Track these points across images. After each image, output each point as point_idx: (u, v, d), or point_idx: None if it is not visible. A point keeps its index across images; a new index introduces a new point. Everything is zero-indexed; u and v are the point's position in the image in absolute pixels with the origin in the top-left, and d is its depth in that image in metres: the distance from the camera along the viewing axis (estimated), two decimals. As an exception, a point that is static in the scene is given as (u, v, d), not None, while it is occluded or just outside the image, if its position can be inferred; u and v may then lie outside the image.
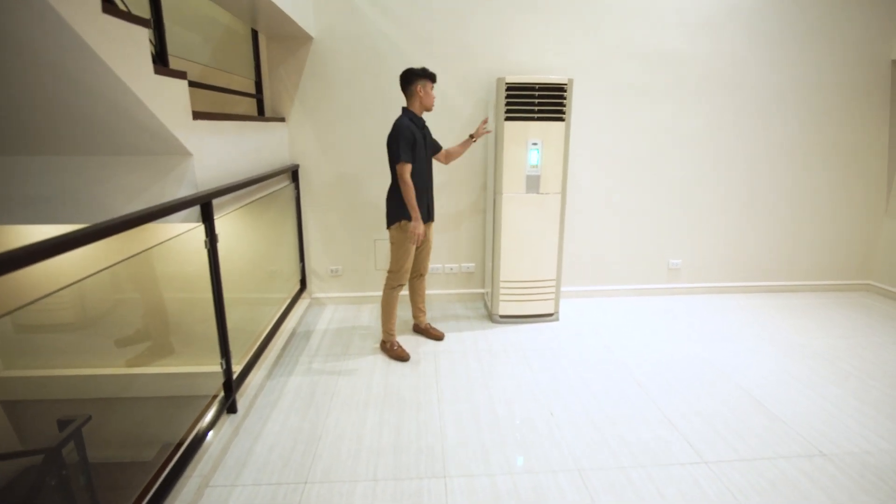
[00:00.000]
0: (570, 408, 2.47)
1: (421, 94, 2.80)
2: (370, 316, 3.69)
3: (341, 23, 3.42)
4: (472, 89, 3.57)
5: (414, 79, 2.78)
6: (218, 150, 2.40)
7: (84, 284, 1.66)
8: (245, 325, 3.58)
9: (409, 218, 2.86)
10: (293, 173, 3.63)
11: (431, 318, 3.63)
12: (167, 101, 1.91)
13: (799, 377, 2.77)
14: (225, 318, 2.29)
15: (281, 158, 3.50)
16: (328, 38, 3.44)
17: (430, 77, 2.80)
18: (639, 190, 3.87)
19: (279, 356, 3.08)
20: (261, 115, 3.52)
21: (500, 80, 3.16)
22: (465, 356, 3.03)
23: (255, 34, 3.42)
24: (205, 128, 2.22)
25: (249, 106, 3.52)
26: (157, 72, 1.83)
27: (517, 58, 3.54)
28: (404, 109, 2.85)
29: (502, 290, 3.48)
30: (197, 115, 2.14)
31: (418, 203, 2.84)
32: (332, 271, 3.88)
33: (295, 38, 3.42)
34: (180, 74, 2.03)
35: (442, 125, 3.59)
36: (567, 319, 3.60)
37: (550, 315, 3.56)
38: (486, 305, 3.84)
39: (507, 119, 3.20)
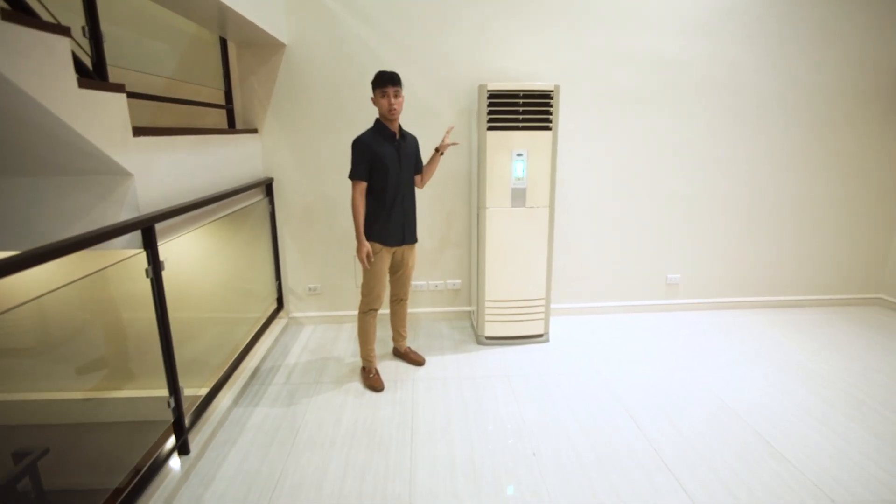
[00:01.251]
0: (557, 446, 2.25)
1: (374, 104, 2.60)
2: (349, 337, 3.48)
3: (315, 29, 3.23)
4: (455, 98, 3.38)
5: (372, 88, 2.58)
6: (170, 168, 2.20)
7: (30, 310, 1.54)
8: (213, 348, 3.38)
9: (377, 240, 2.66)
10: (267, 187, 3.44)
11: (414, 338, 3.43)
12: (98, 118, 1.72)
13: (808, 408, 2.54)
14: (173, 351, 2.08)
15: (253, 172, 3.30)
16: (302, 45, 3.26)
17: (377, 82, 2.56)
18: (634, 201, 3.65)
19: (249, 381, 2.88)
20: (231, 126, 3.33)
21: (481, 87, 2.96)
22: (445, 384, 2.82)
23: (224, 42, 3.24)
24: (150, 145, 2.02)
25: (220, 117, 3.33)
26: (82, 86, 1.63)
27: (502, 64, 3.34)
28: (376, 119, 2.66)
29: (488, 311, 3.27)
30: (139, 132, 1.95)
31: (390, 224, 2.66)
32: (310, 289, 3.68)
33: (266, 46, 3.23)
34: (116, 87, 1.84)
35: (424, 136, 3.37)
36: (558, 340, 3.38)
37: (540, 336, 3.34)
38: (472, 325, 3.62)
39: (490, 129, 3.00)
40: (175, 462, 2.15)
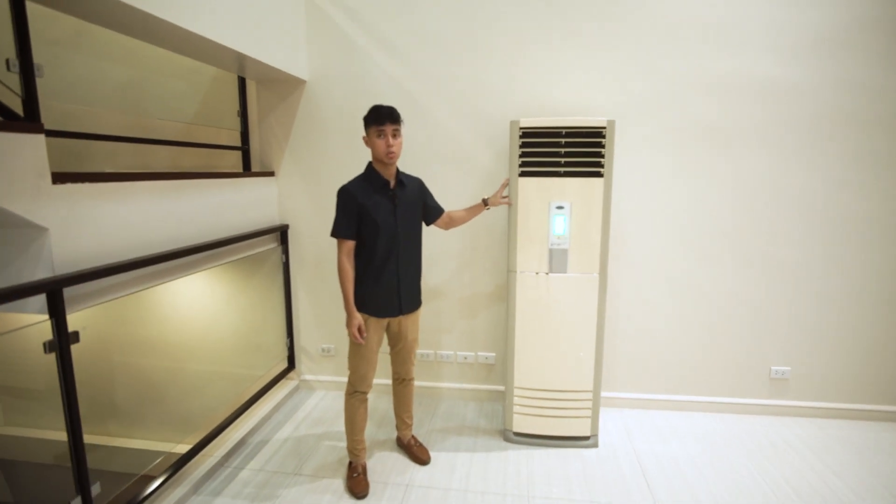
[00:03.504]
0: None
1: (368, 145, 2.14)
2: (357, 412, 2.97)
3: (336, 62, 2.91)
4: (492, 137, 2.84)
5: (364, 126, 2.13)
6: (115, 219, 1.88)
7: None
8: (202, 407, 3.06)
9: (362, 309, 2.17)
10: (282, 234, 3.12)
11: (431, 419, 2.85)
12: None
13: None
14: (83, 450, 1.70)
15: (266, 217, 3.00)
16: (322, 80, 2.95)
17: (368, 120, 2.10)
18: (722, 269, 2.81)
19: (224, 459, 2.46)
20: (247, 168, 3.08)
21: (513, 123, 2.41)
22: (445, 500, 2.18)
23: (242, 79, 3.03)
24: (80, 192, 1.72)
25: (238, 159, 3.11)
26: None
27: (548, 96, 2.77)
28: (368, 164, 2.21)
29: (517, 400, 2.60)
30: (63, 178, 1.65)
31: (378, 290, 2.17)
32: (323, 350, 3.25)
33: (286, 82, 2.97)
34: (30, 128, 1.56)
35: (452, 181, 2.89)
36: (609, 446, 2.59)
37: (585, 439, 2.58)
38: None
39: (524, 174, 2.42)
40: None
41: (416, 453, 2.49)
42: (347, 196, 2.10)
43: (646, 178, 2.77)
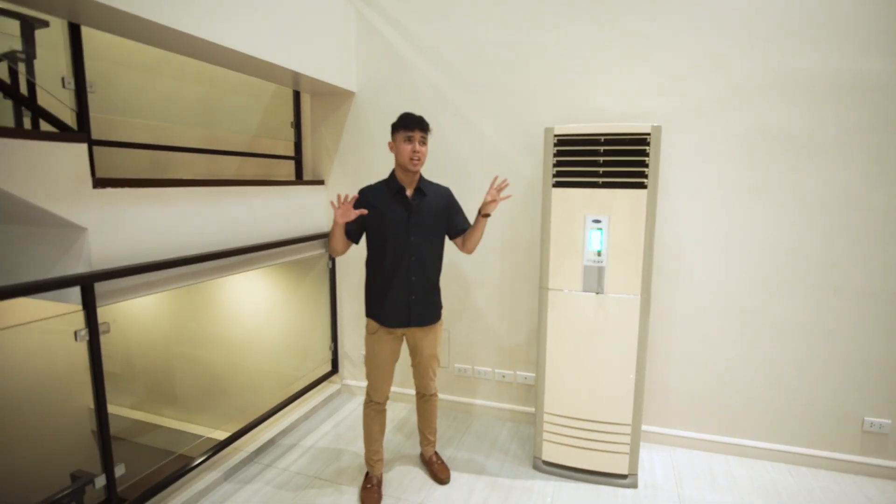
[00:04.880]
0: None
1: (392, 150, 2.12)
2: (394, 418, 2.95)
3: (382, 73, 2.96)
4: (533, 145, 2.70)
5: (391, 133, 2.12)
6: (153, 221, 2.03)
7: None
8: (243, 401, 3.25)
9: (372, 316, 2.18)
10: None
11: (461, 436, 2.76)
12: (34, 172, 1.60)
13: None
14: (108, 428, 1.84)
15: (314, 224, 3.11)
16: (369, 92, 3.01)
17: (398, 124, 2.08)
18: (802, 298, 2.41)
19: (257, 452, 2.56)
20: (299, 177, 3.22)
21: (547, 130, 2.26)
22: (454, 525, 2.08)
23: (297, 93, 3.18)
24: (119, 196, 1.88)
25: (292, 168, 3.27)
26: (16, 135, 1.53)
27: (595, 101, 2.58)
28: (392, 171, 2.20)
29: (547, 426, 2.42)
30: (104, 183, 1.81)
31: (387, 299, 2.16)
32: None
33: (337, 95, 3.07)
34: (74, 137, 1.74)
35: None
36: (652, 486, 2.32)
37: (622, 478, 2.33)
38: (540, 436, 2.76)
39: (557, 185, 2.26)
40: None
41: (436, 471, 2.40)
42: (361, 197, 2.12)
43: (707, 191, 2.47)
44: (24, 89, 1.79)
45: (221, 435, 2.53)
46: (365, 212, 2.00)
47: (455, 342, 3.04)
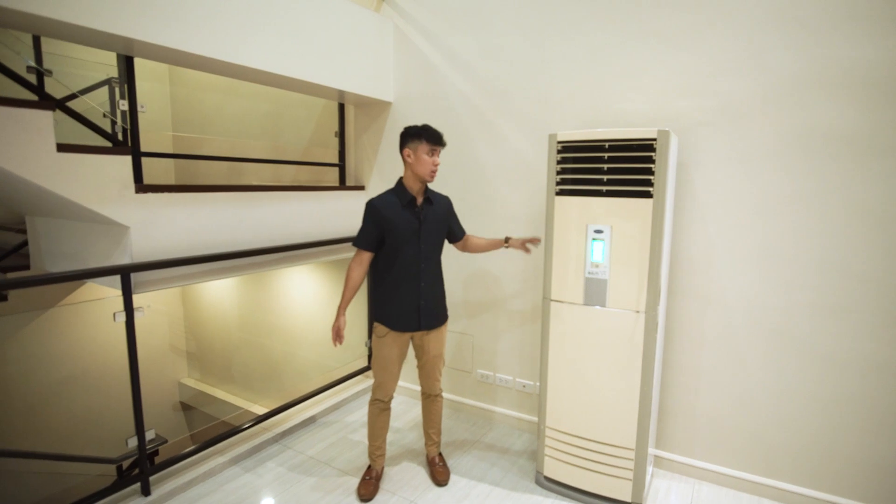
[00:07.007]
0: None
1: (410, 159, 2.17)
2: (417, 417, 3.05)
3: (416, 83, 3.08)
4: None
5: (403, 141, 2.18)
6: (187, 221, 2.33)
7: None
8: (283, 383, 3.60)
9: (382, 320, 2.24)
10: (369, 244, 3.42)
11: (473, 445, 2.75)
12: (84, 179, 1.95)
13: None
14: (140, 393, 2.16)
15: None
16: (404, 102, 3.15)
17: (423, 137, 2.12)
18: (860, 326, 2.07)
19: (283, 434, 2.81)
20: (342, 183, 3.45)
21: (551, 136, 2.21)
22: (436, 528, 2.11)
23: (342, 104, 3.42)
24: (161, 200, 2.20)
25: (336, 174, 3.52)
26: (63, 149, 1.88)
27: (621, 105, 2.45)
28: (398, 180, 2.27)
29: (550, 441, 2.35)
30: (145, 189, 2.14)
31: (397, 305, 2.22)
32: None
33: (377, 105, 3.25)
34: (121, 150, 2.07)
35: (516, 199, 2.78)
36: (657, 521, 2.15)
37: (625, 505, 2.19)
38: (553, 451, 2.68)
39: (560, 193, 2.19)
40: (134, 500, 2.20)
41: (435, 473, 2.45)
42: (373, 210, 2.18)
43: (740, 200, 2.23)
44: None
45: (260, 410, 2.84)
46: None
47: (478, 348, 3.06)
